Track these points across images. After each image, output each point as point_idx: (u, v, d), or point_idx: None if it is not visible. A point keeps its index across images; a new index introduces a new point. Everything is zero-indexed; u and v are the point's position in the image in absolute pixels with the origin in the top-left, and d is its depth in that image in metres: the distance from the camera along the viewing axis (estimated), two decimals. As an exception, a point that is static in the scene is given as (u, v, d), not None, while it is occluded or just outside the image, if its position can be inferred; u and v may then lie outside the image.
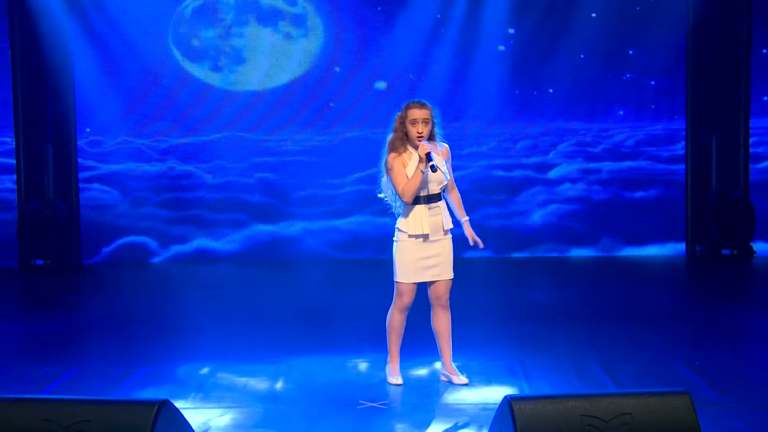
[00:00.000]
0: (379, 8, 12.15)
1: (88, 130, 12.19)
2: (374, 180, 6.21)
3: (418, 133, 5.83)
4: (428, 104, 5.95)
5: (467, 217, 6.14)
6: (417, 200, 5.88)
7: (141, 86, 12.09)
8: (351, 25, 12.15)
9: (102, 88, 12.08)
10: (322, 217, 12.30)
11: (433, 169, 5.69)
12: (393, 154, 5.91)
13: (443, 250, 5.96)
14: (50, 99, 11.83)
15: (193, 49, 12.11)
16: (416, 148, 5.82)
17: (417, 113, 5.87)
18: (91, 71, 12.03)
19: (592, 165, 12.37)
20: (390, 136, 5.97)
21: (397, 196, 5.93)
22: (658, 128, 12.31)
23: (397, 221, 5.98)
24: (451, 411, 5.55)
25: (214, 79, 12.14)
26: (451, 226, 5.98)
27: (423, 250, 5.91)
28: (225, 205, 12.29)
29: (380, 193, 6.10)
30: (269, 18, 12.11)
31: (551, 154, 12.36)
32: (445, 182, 5.92)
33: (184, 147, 12.24)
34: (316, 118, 12.23)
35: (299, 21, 12.14)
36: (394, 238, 6.00)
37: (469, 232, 6.11)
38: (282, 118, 12.21)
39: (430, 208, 5.89)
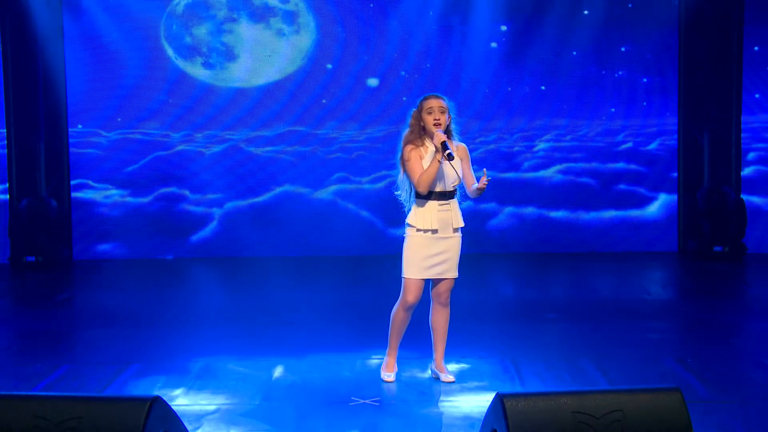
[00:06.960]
0: (371, 5, 12.14)
1: (80, 126, 12.15)
2: (366, 175, 6.18)
3: (435, 119, 5.83)
4: (444, 97, 5.96)
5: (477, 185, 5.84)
6: (429, 195, 5.86)
7: (133, 82, 12.06)
8: (343, 21, 12.13)
9: (94, 84, 12.05)
10: (311, 214, 12.28)
11: (450, 157, 5.66)
12: (410, 146, 5.90)
13: (451, 248, 5.94)
14: (42, 96, 11.80)
15: (185, 45, 12.08)
16: (433, 138, 5.81)
17: (433, 102, 5.88)
18: (83, 67, 12.00)
19: (584, 162, 12.38)
20: (406, 131, 5.97)
21: (412, 190, 5.92)
22: (650, 125, 12.33)
23: (408, 216, 5.97)
24: (443, 408, 5.56)
25: (205, 76, 12.11)
26: (462, 224, 5.97)
27: (431, 247, 5.89)
28: (216, 202, 12.26)
29: (396, 190, 6.07)
30: (261, 15, 12.09)
31: (542, 152, 12.37)
32: (458, 180, 5.88)
33: (175, 144, 12.21)
34: (308, 115, 12.21)
35: (291, 18, 12.13)
36: (405, 233, 5.99)
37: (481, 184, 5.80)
38: (273, 115, 12.19)
39: (440, 204, 5.88)
